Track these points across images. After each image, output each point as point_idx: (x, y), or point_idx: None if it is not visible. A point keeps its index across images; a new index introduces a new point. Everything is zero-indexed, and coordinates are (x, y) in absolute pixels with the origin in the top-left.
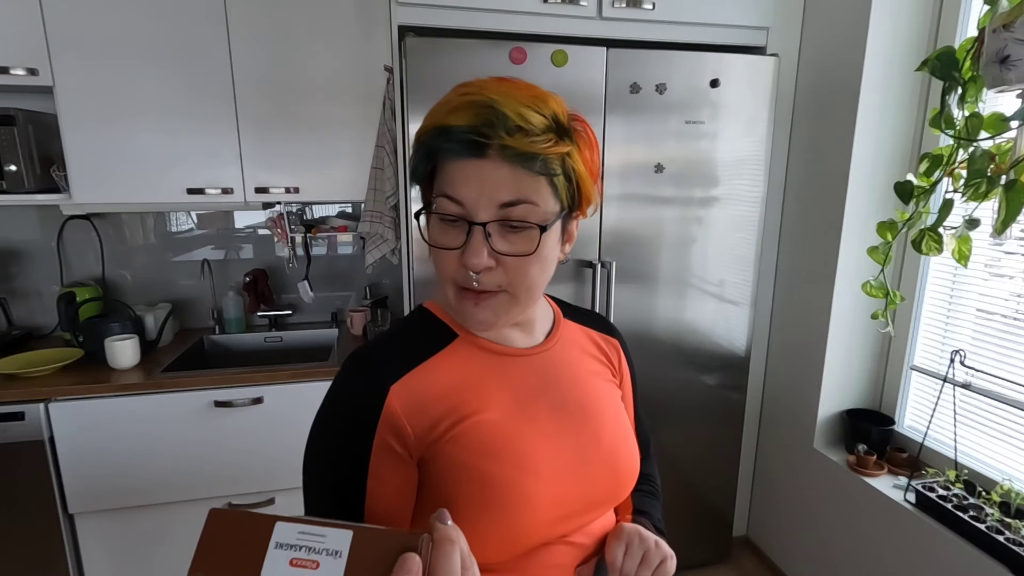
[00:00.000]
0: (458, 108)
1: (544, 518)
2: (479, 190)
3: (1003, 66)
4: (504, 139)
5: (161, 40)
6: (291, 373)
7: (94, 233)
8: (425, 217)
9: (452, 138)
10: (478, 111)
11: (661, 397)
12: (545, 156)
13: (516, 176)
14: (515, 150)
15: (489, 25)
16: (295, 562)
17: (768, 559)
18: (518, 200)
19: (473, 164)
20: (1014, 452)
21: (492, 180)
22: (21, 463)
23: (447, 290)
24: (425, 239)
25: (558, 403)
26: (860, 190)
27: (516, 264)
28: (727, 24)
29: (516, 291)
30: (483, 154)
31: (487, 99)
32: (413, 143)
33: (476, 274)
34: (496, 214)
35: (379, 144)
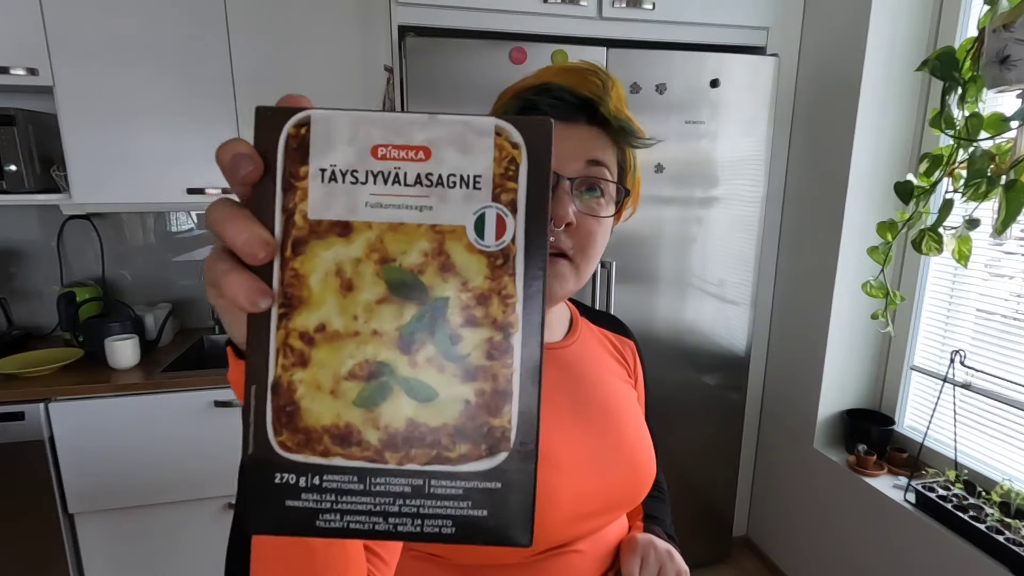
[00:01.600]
0: (565, 71)
1: (564, 514)
2: (570, 148)
3: (1003, 66)
4: (610, 105)
5: (161, 40)
6: None
7: (94, 233)
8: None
9: (558, 95)
10: (586, 76)
11: (661, 397)
12: (635, 127)
13: (602, 142)
14: (619, 119)
15: (489, 25)
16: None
17: (768, 559)
18: (603, 162)
19: (564, 125)
20: (1014, 452)
21: (583, 139)
22: (21, 463)
23: None
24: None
25: (580, 400)
26: (860, 190)
27: (590, 228)
28: (727, 24)
29: (580, 259)
30: (577, 118)
31: (597, 70)
32: (503, 101)
33: (559, 228)
34: (582, 171)
35: None
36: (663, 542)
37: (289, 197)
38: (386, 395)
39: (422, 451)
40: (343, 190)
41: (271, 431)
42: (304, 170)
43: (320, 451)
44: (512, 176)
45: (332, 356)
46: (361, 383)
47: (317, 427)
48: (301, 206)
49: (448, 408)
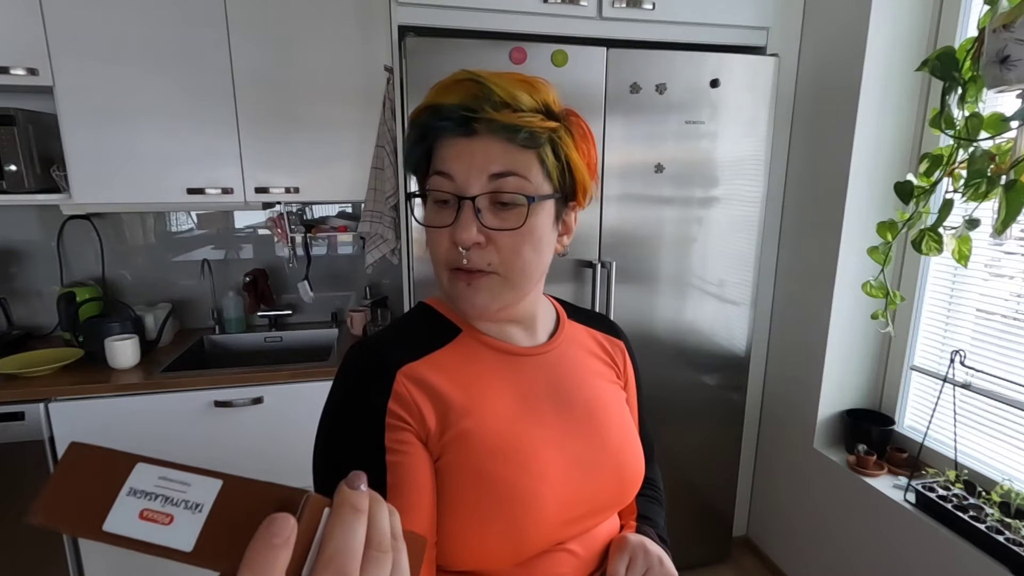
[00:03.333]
0: (448, 87)
1: (550, 522)
2: (470, 163)
3: (1003, 66)
4: (490, 112)
5: (161, 40)
6: (291, 373)
7: (94, 233)
8: (421, 202)
9: (443, 115)
10: (467, 88)
11: (661, 397)
12: (530, 128)
13: (506, 150)
14: (500, 123)
15: (489, 25)
16: (145, 514)
17: (768, 559)
18: (508, 171)
19: (464, 141)
20: (1014, 452)
21: (482, 154)
22: (21, 463)
23: (441, 276)
24: (419, 221)
25: (563, 405)
26: (860, 190)
27: (507, 242)
28: (727, 24)
29: (508, 272)
30: (473, 130)
31: (475, 77)
32: (407, 128)
33: (466, 250)
34: (487, 186)
35: (379, 144)
36: (656, 546)
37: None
38: None
39: None
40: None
41: None
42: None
43: None
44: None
45: None
46: None
47: None
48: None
49: None
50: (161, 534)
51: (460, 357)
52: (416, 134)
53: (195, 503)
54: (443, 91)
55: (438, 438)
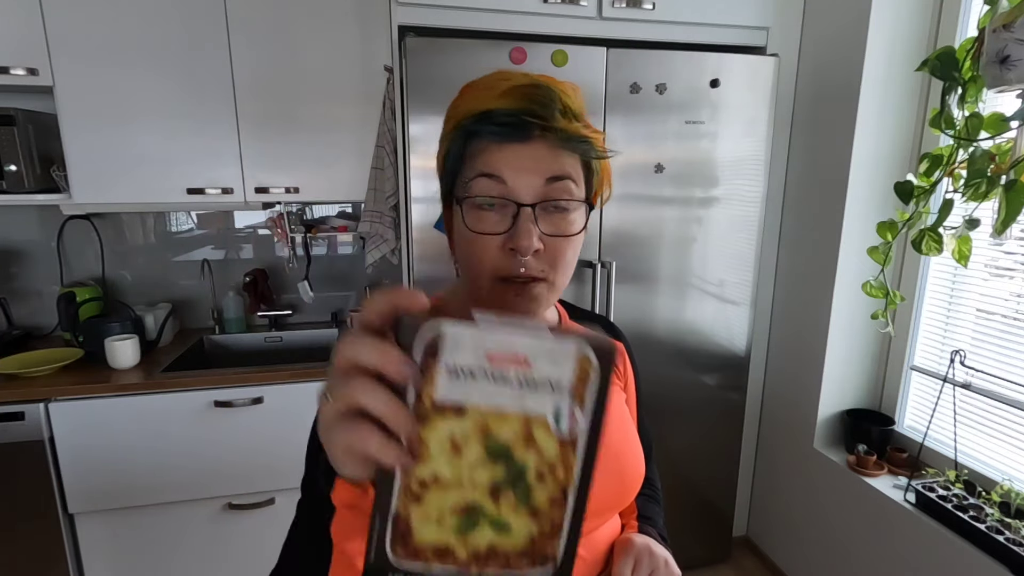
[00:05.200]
0: (505, 95)
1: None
2: (525, 168)
3: (1003, 66)
4: (558, 121)
5: (161, 40)
6: (291, 373)
7: (94, 233)
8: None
9: (499, 120)
10: (529, 93)
11: (661, 397)
12: (590, 139)
13: (558, 155)
14: (567, 132)
15: (489, 25)
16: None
17: (768, 559)
18: (562, 176)
19: (518, 146)
20: (1014, 452)
21: (537, 158)
22: (21, 463)
23: (481, 283)
24: (470, 228)
25: None
26: (860, 190)
27: (559, 247)
28: (727, 24)
29: (555, 278)
30: (530, 136)
31: (539, 83)
32: (448, 131)
33: (525, 258)
34: (541, 193)
35: (379, 144)
36: (661, 548)
37: (421, 382)
38: (476, 525)
39: (496, 564)
40: (462, 382)
41: (389, 547)
42: (434, 365)
43: (424, 561)
44: (584, 385)
45: (440, 497)
46: (459, 516)
47: (424, 545)
48: (428, 390)
49: (518, 537)
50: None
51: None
52: (462, 136)
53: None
54: (501, 96)
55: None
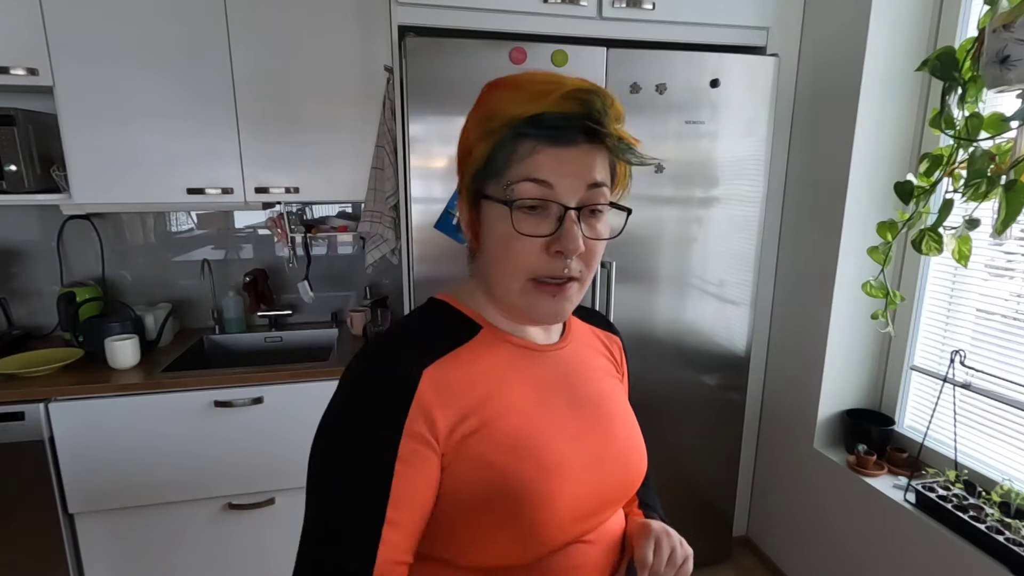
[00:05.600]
0: (564, 99)
1: (565, 517)
2: (572, 172)
3: (1003, 66)
4: (612, 128)
5: (161, 40)
6: (291, 373)
7: (94, 233)
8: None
9: (553, 124)
10: (586, 99)
11: (661, 397)
12: (635, 146)
13: (601, 160)
14: (619, 139)
15: (489, 25)
16: None
17: (768, 559)
18: (603, 182)
19: (566, 150)
20: (1014, 452)
21: (583, 163)
22: (21, 463)
23: (513, 284)
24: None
25: (575, 401)
26: (860, 190)
27: (595, 249)
28: (727, 24)
29: (586, 278)
30: (577, 139)
31: (591, 87)
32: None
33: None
34: (583, 197)
35: (379, 144)
36: (673, 530)
37: None
38: None
39: None
40: None
41: None
42: None
43: None
44: None
45: None
46: None
47: None
48: None
49: None
50: None
51: (482, 355)
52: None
53: None
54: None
55: (459, 439)
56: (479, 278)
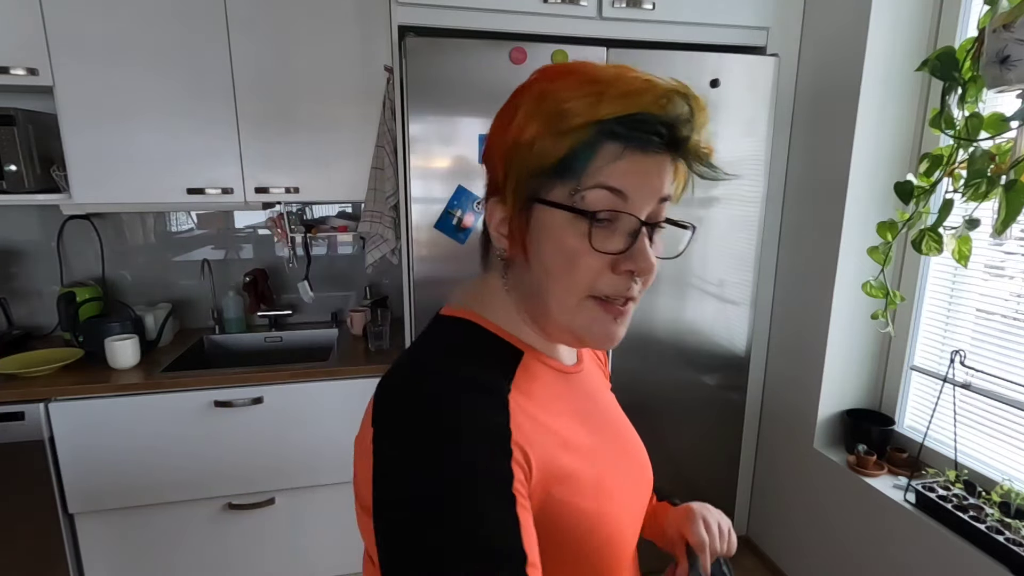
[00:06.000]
0: (660, 99)
1: (629, 543)
2: (650, 185)
3: (1003, 66)
4: (701, 140)
5: (161, 40)
6: (291, 373)
7: (94, 233)
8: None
9: (651, 128)
10: (679, 101)
11: (661, 397)
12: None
13: (670, 171)
14: (706, 155)
15: (489, 25)
16: None
17: (768, 559)
18: (669, 195)
19: (644, 158)
20: (1014, 452)
21: (659, 173)
22: (21, 463)
23: (569, 301)
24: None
25: (603, 421)
26: (860, 190)
27: (655, 269)
28: (727, 24)
29: (639, 299)
30: (661, 147)
31: (688, 90)
32: (574, 127)
33: (637, 280)
34: (652, 212)
35: (379, 144)
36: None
37: None
38: None
39: None
40: None
41: None
42: None
43: None
44: None
45: None
46: None
47: None
48: None
49: None
50: None
51: (534, 382)
52: (597, 138)
53: None
54: (656, 102)
55: (539, 477)
56: (516, 292)
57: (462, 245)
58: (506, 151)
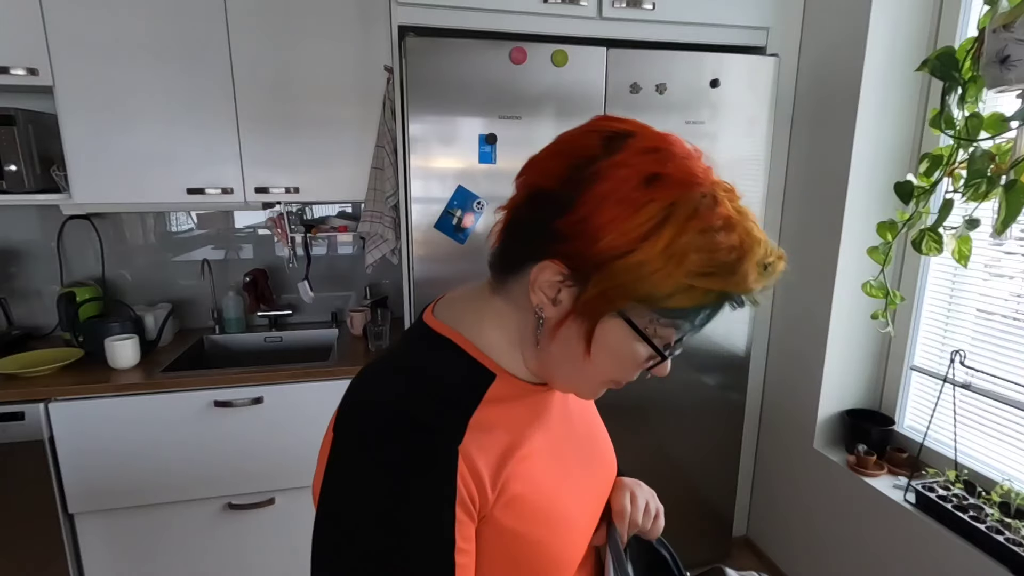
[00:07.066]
0: (765, 267)
1: (576, 561)
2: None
3: (1003, 66)
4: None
5: (161, 40)
6: (291, 373)
7: (94, 233)
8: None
9: (748, 299)
10: (771, 279)
11: (661, 397)
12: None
13: None
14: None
15: (489, 25)
16: None
17: (768, 559)
18: None
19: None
20: (1014, 452)
21: None
22: (21, 463)
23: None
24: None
25: (575, 439)
26: (860, 190)
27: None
28: (727, 24)
29: None
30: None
31: (779, 254)
32: (700, 290)
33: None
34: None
35: (379, 144)
36: (644, 484)
37: None
38: None
39: None
40: None
41: None
42: None
43: None
44: None
45: None
46: None
47: None
48: None
49: None
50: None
51: (499, 407)
52: (717, 304)
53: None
54: (762, 275)
55: (489, 507)
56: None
57: (462, 245)
58: (619, 254)
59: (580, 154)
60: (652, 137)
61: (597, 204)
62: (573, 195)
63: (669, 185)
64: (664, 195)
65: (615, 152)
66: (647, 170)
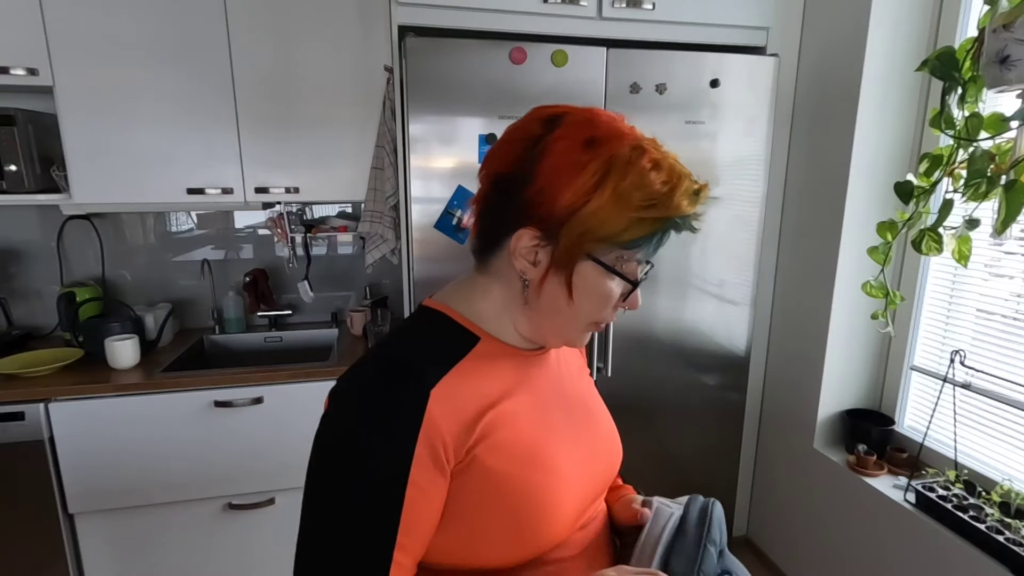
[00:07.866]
0: (696, 193)
1: (568, 517)
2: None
3: (1003, 66)
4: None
5: (161, 40)
6: (291, 373)
7: (94, 233)
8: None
9: (687, 226)
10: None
11: (661, 397)
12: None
13: None
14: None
15: (489, 25)
16: None
17: (768, 559)
18: None
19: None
20: (1014, 452)
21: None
22: (21, 463)
23: (577, 325)
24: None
25: (565, 402)
26: (860, 190)
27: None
28: (727, 24)
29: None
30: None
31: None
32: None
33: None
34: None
35: (379, 144)
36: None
37: None
38: None
39: None
40: None
41: None
42: None
43: None
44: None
45: None
46: None
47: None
48: None
49: None
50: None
51: (483, 364)
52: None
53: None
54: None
55: (466, 450)
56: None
57: (462, 245)
58: (577, 207)
59: (527, 137)
60: (582, 112)
61: (551, 173)
62: (529, 171)
63: (604, 144)
64: (602, 152)
65: (554, 129)
66: (583, 136)
